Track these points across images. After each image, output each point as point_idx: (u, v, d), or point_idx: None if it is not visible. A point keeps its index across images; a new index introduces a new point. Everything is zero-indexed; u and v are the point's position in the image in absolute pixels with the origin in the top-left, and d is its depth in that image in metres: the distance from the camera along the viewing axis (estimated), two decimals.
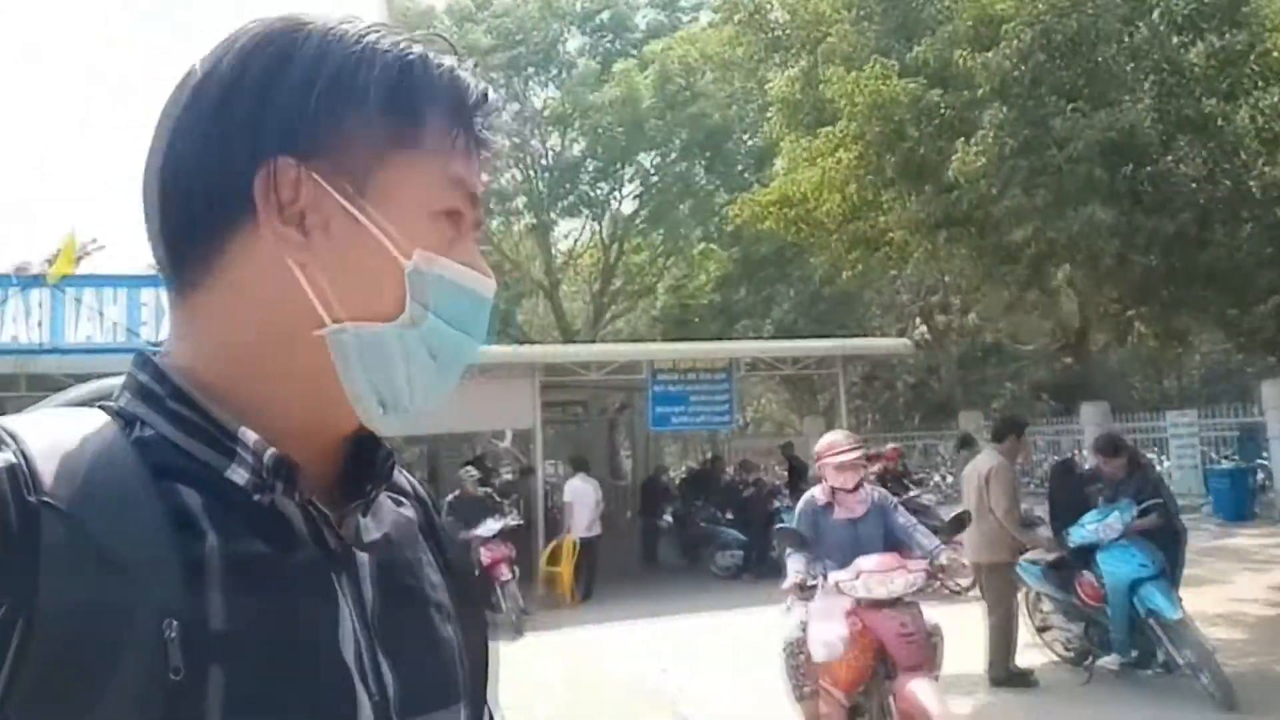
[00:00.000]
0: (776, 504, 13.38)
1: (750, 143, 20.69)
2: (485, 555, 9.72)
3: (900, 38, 7.19)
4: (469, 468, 11.56)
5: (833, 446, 4.87)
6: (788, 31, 9.38)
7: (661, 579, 13.08)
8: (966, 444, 12.20)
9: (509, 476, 26.72)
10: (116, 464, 0.58)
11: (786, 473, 15.63)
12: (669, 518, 15.62)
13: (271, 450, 0.62)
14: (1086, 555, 6.44)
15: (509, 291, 23.27)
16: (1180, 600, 6.02)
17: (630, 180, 24.03)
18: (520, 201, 24.19)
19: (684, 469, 19.64)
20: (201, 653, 0.55)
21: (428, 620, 0.71)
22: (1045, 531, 7.13)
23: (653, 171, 23.51)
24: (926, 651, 4.48)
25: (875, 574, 4.41)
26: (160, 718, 0.53)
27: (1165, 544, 6.33)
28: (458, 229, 0.68)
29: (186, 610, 0.55)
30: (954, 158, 6.02)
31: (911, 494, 11.37)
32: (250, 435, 0.63)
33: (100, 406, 0.64)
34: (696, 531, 13.90)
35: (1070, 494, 7.12)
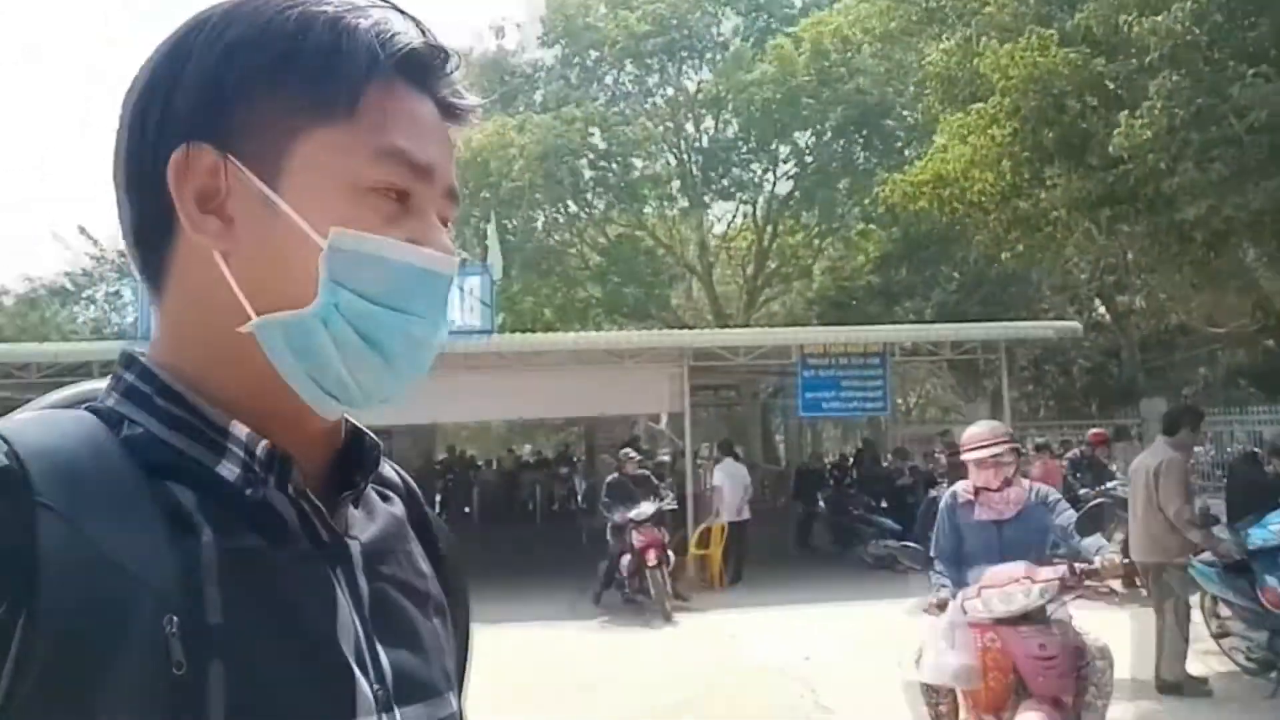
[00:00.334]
0: (933, 494, 12.97)
1: (910, 118, 19.94)
2: (636, 539, 9.57)
3: (1062, 4, 6.73)
4: (629, 449, 11.35)
5: (974, 439, 4.32)
6: (943, 2, 8.99)
7: (812, 566, 12.97)
8: (1121, 437, 11.44)
9: (665, 458, 27.14)
10: (108, 463, 0.58)
11: (946, 461, 15.10)
12: (823, 504, 15.40)
13: (265, 443, 0.62)
14: (1271, 558, 5.93)
15: (661, 276, 23.51)
16: None
17: (785, 160, 23.70)
18: (674, 186, 24.35)
19: (838, 454, 19.24)
20: (202, 647, 0.56)
21: (418, 611, 0.71)
22: (1222, 531, 6.60)
23: (808, 151, 23.09)
24: (1067, 678, 3.98)
25: (994, 588, 3.93)
26: (164, 712, 0.54)
27: None
28: (404, 204, 0.65)
29: (186, 605, 0.56)
30: (1118, 132, 5.60)
31: (1113, 484, 10.66)
32: (242, 429, 0.62)
33: (87, 408, 0.63)
34: (849, 519, 13.66)
35: (1252, 491, 6.54)
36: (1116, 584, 8.43)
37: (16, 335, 26.76)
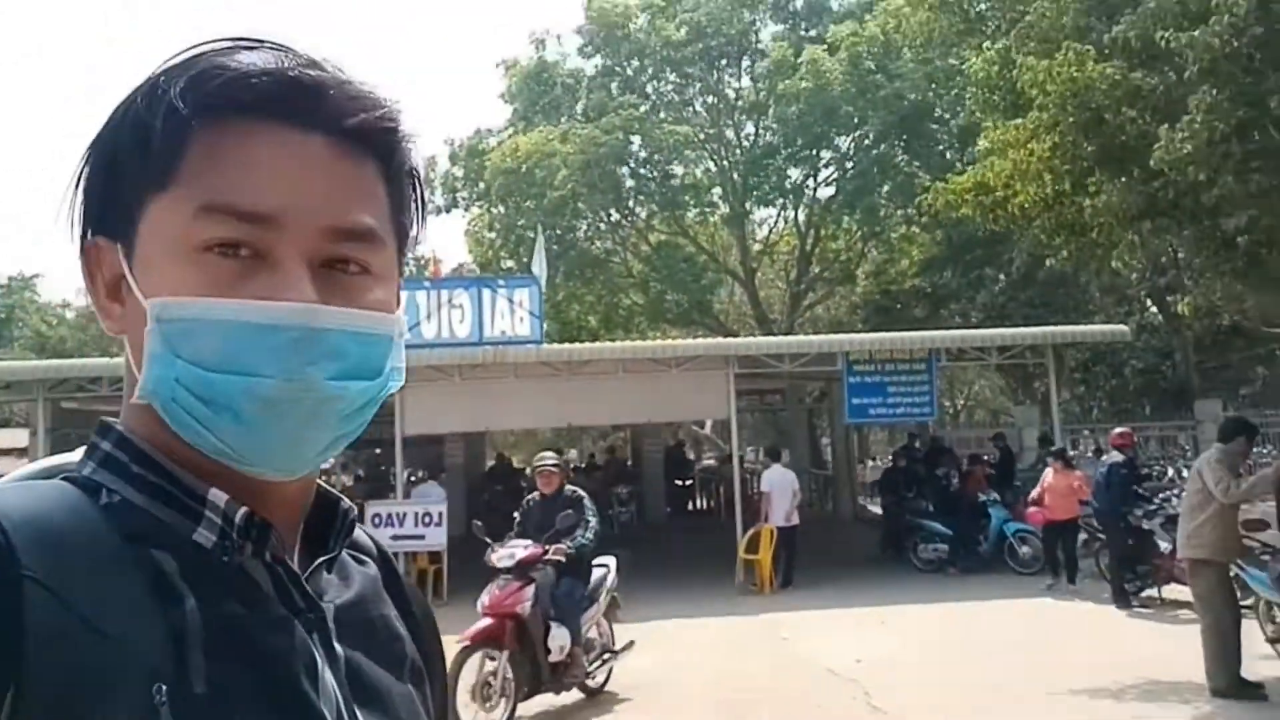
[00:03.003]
0: (982, 497, 12.99)
1: (951, 121, 19.90)
2: (482, 601, 6.26)
3: (1101, 15, 6.81)
4: (547, 454, 7.48)
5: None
6: (984, 10, 9.08)
7: (862, 570, 13.04)
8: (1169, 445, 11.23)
9: (711, 462, 27.25)
10: (90, 531, 0.58)
11: (996, 463, 15.06)
12: (882, 509, 15.35)
13: (244, 510, 0.62)
14: None
15: (704, 282, 23.66)
16: None
17: (826, 165, 23.74)
18: (715, 193, 24.51)
19: (888, 459, 19.12)
20: (190, 715, 0.55)
21: (392, 676, 0.71)
22: (1273, 535, 6.65)
23: (849, 155, 23.11)
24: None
25: None
26: None
27: None
28: (258, 258, 0.61)
29: (173, 674, 0.56)
30: (1157, 146, 5.68)
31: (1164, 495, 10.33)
32: (221, 496, 0.62)
33: (64, 477, 0.64)
34: (900, 524, 13.71)
35: None
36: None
37: (79, 347, 27.81)
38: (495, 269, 22.79)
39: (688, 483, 24.13)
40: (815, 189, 24.16)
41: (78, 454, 0.67)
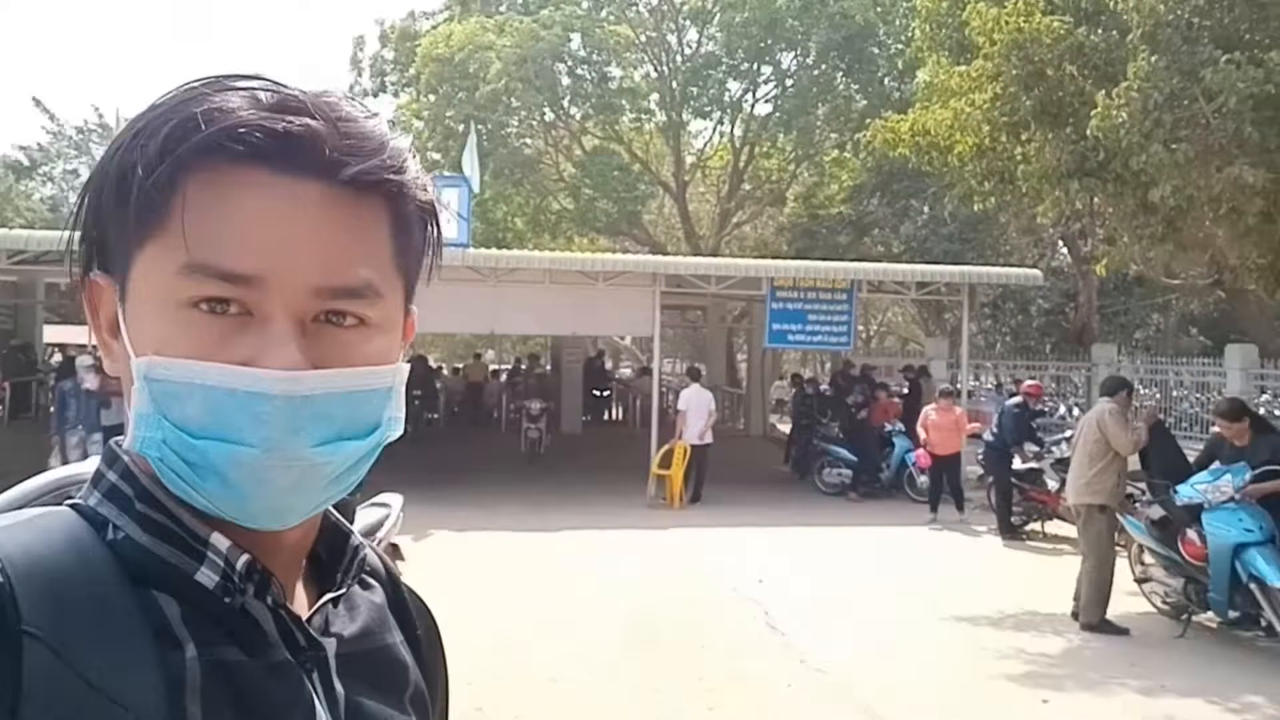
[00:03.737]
0: (888, 427, 13.47)
1: (893, 47, 19.77)
2: None
3: None
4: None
5: None
6: None
7: (768, 491, 13.47)
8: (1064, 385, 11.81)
9: (627, 373, 27.50)
10: (94, 574, 0.58)
11: (904, 394, 15.56)
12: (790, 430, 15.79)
13: (246, 557, 0.61)
14: (1194, 514, 6.43)
15: (634, 192, 23.39)
16: None
17: (766, 81, 23.44)
18: (653, 99, 24.01)
19: (790, 382, 19.55)
20: None
21: (394, 709, 0.70)
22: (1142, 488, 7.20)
23: (789, 73, 22.84)
24: None
25: None
26: None
27: None
28: (248, 314, 0.59)
29: None
30: (1095, 113, 5.77)
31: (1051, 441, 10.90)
32: (223, 541, 0.61)
33: (71, 504, 0.63)
34: (808, 447, 14.15)
35: (1164, 451, 7.17)
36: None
37: None
38: (422, 161, 21.93)
39: (605, 393, 24.36)
40: (753, 105, 23.89)
41: (90, 464, 0.66)
